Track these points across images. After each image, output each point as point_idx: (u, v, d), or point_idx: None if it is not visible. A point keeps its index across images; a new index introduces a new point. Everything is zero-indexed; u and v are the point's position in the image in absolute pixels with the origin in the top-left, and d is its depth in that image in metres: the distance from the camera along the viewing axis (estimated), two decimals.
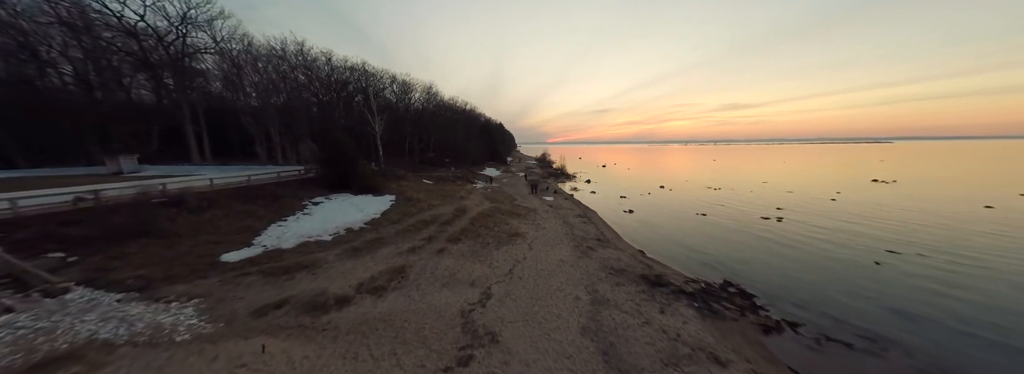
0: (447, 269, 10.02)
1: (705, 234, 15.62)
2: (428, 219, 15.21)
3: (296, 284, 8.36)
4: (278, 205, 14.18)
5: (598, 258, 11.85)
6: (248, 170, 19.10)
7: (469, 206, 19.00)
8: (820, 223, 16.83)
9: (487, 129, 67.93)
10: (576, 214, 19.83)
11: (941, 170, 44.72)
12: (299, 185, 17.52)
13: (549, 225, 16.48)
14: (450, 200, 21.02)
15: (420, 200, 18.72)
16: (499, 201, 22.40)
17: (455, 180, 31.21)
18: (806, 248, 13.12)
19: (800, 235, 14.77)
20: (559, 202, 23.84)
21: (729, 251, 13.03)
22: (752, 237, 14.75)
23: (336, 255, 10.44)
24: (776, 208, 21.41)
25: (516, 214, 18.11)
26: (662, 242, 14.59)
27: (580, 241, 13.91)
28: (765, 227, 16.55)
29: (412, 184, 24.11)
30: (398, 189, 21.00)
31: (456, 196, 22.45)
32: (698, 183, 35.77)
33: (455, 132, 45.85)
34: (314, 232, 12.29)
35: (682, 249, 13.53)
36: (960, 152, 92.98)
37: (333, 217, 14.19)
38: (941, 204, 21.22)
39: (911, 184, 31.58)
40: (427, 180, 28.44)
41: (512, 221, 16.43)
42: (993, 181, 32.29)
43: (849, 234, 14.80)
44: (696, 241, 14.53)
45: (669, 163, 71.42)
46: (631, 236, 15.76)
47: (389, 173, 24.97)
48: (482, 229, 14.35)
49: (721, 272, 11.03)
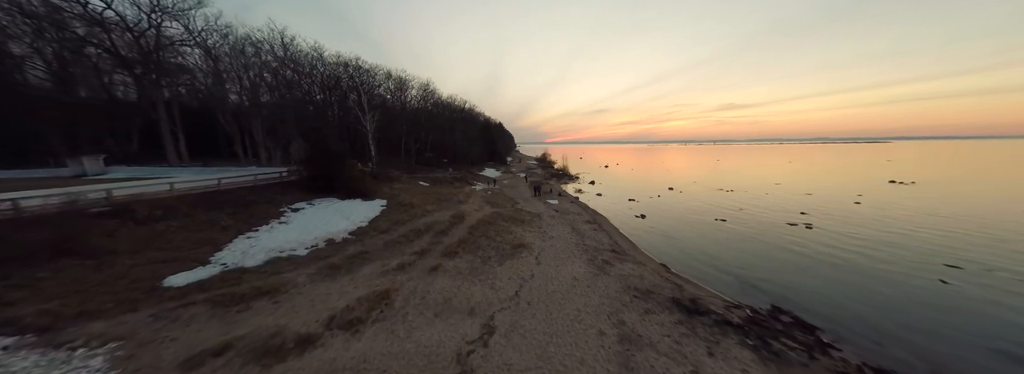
0: (441, 292, 8.36)
1: (730, 244, 14.01)
2: (422, 228, 13.53)
3: (250, 318, 6.67)
4: (250, 213, 12.47)
5: (617, 275, 10.22)
6: (226, 172, 17.37)
7: (468, 211, 17.34)
8: (854, 232, 15.24)
9: (486, 128, 66.30)
10: (585, 220, 18.21)
11: (954, 170, 43.33)
12: (280, 189, 15.82)
13: (557, 233, 14.84)
14: (447, 204, 19.35)
15: (414, 205, 17.04)
16: (500, 205, 20.75)
17: (453, 182, 29.54)
18: (850, 262, 11.52)
19: (837, 246, 13.17)
20: (565, 206, 22.21)
21: (762, 265, 11.42)
22: (784, 248, 13.14)
23: (309, 275, 8.75)
24: (800, 213, 19.84)
25: (519, 220, 16.47)
26: (684, 253, 12.96)
27: (594, 253, 12.27)
28: (794, 236, 14.95)
29: (406, 187, 22.42)
30: (390, 193, 19.31)
31: (454, 200, 20.79)
32: (707, 185, 34.21)
33: (453, 131, 44.18)
34: (288, 245, 10.59)
35: (709, 263, 11.90)
36: (962, 152, 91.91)
37: (313, 226, 12.50)
38: (978, 209, 19.68)
39: (932, 185, 30.10)
40: (423, 182, 26.76)
41: (516, 229, 14.78)
42: (1020, 181, 30.84)
43: (892, 245, 13.21)
44: (722, 253, 12.91)
45: (672, 164, 69.95)
46: (648, 246, 14.13)
47: (382, 175, 23.28)
48: (482, 239, 12.69)
49: (763, 293, 9.41)
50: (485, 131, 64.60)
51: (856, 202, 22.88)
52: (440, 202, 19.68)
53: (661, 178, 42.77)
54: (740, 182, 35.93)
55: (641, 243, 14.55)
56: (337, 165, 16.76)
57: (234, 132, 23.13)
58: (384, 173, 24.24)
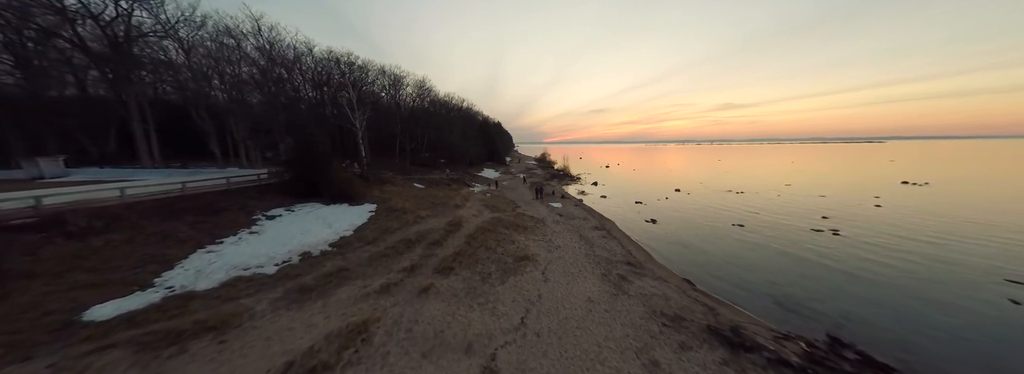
0: (433, 321, 6.91)
1: (754, 254, 12.66)
2: (413, 237, 12.05)
3: (182, 367, 5.17)
4: (216, 222, 10.93)
5: (638, 294, 8.82)
6: (197, 175, 15.81)
7: (465, 217, 15.88)
8: (889, 241, 13.89)
9: (485, 128, 64.83)
10: (592, 226, 16.81)
11: (962, 170, 42.39)
12: (256, 193, 14.26)
13: (564, 241, 13.43)
14: (443, 209, 17.87)
15: (406, 210, 15.54)
16: (500, 209, 19.30)
17: (450, 184, 28.04)
18: (897, 278, 10.19)
19: (876, 259, 11.83)
20: (569, 209, 20.81)
21: (797, 281, 10.06)
22: (816, 261, 11.79)
23: (272, 301, 7.25)
24: (821, 217, 18.56)
25: (522, 227, 15.03)
26: (706, 266, 11.58)
27: (607, 265, 10.87)
28: (823, 245, 13.63)
29: (399, 190, 20.91)
30: (381, 196, 17.79)
31: (450, 204, 19.31)
32: (715, 186, 32.97)
33: (451, 131, 42.66)
34: (255, 261, 9.09)
35: (736, 277, 10.52)
36: (960, 152, 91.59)
37: (289, 236, 10.99)
38: (1014, 214, 18.46)
39: (947, 186, 29.00)
40: (418, 184, 25.24)
41: (518, 237, 13.35)
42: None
43: (939, 258, 11.89)
44: (748, 264, 11.55)
45: (673, 164, 68.82)
46: (665, 256, 12.75)
47: (373, 177, 21.75)
48: (481, 250, 11.24)
49: (810, 318, 8.04)
50: (483, 130, 63.11)
51: (876, 205, 21.67)
52: (435, 207, 18.19)
53: (665, 179, 41.53)
54: (748, 183, 34.73)
55: (656, 253, 13.16)
56: (321, 166, 15.24)
57: (210, 130, 21.50)
58: (375, 175, 22.71)
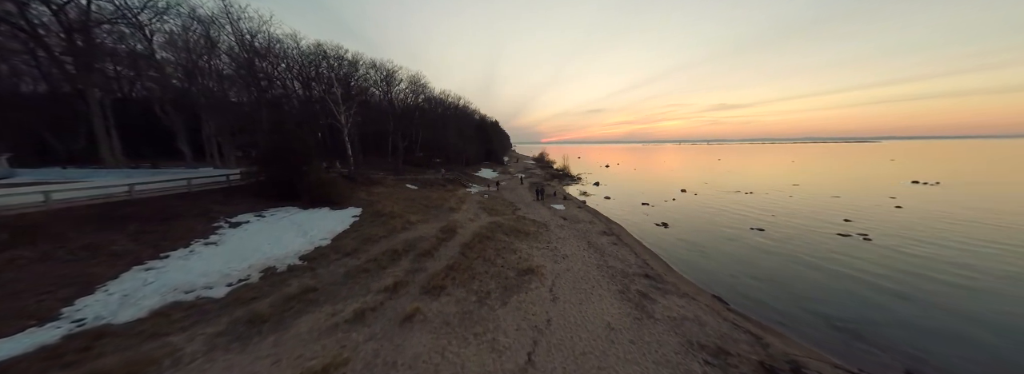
0: (416, 364, 5.39)
1: (782, 264, 11.32)
2: (400, 247, 10.50)
3: None
4: (166, 231, 9.28)
5: (665, 317, 7.39)
6: (162, 175, 14.11)
7: (461, 222, 14.36)
8: (927, 251, 12.56)
9: (482, 127, 63.26)
10: (599, 230, 15.38)
11: (966, 169, 41.69)
12: (223, 196, 12.61)
13: (571, 250, 11.97)
14: (436, 213, 16.32)
15: (395, 215, 13.97)
16: (499, 212, 17.81)
17: (445, 184, 26.46)
18: (957, 296, 8.88)
19: (921, 272, 10.52)
20: (573, 212, 19.37)
21: (840, 298, 8.74)
22: (856, 274, 10.46)
23: (210, 338, 5.68)
24: (843, 220, 17.34)
25: (523, 233, 13.55)
26: (734, 279, 10.20)
27: (623, 279, 9.44)
28: (856, 253, 12.35)
29: (389, 191, 19.29)
30: (368, 199, 16.19)
31: (444, 207, 17.75)
32: (721, 186, 31.80)
33: (446, 129, 41.03)
34: (204, 280, 7.49)
35: (772, 294, 9.15)
36: (955, 151, 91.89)
37: (253, 248, 9.39)
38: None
39: (960, 186, 28.04)
40: (411, 185, 23.64)
41: (520, 245, 11.86)
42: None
43: (982, 268, 10.62)
44: (781, 277, 10.19)
45: (672, 163, 67.86)
46: (685, 267, 11.36)
47: (361, 178, 20.11)
48: (479, 262, 9.74)
49: (876, 347, 6.67)
50: (481, 129, 61.52)
51: (897, 207, 20.54)
52: (427, 210, 16.63)
53: (668, 179, 40.41)
54: (754, 183, 33.63)
55: (675, 262, 11.76)
56: (299, 166, 13.61)
57: (177, 127, 19.64)
58: (364, 175, 21.08)
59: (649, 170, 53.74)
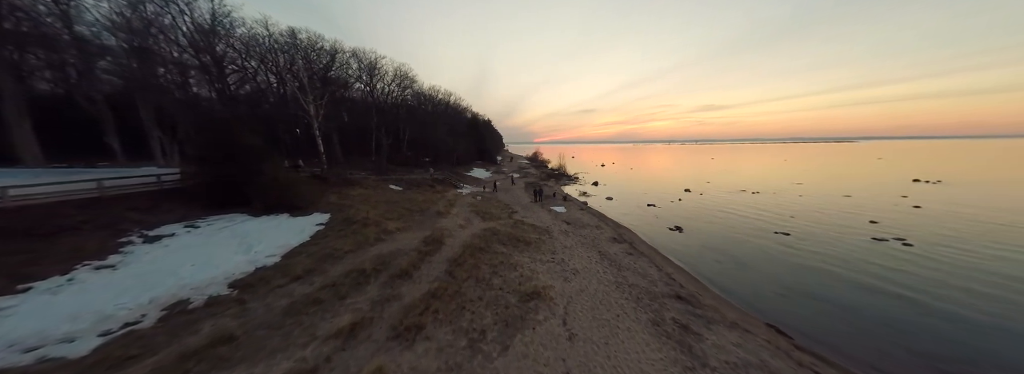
0: None
1: (829, 277, 9.66)
2: (370, 265, 8.29)
3: None
4: (46, 249, 6.83)
5: (721, 363, 5.47)
6: (78, 175, 11.46)
7: (449, 230, 12.20)
8: (976, 256, 11.19)
9: (474, 125, 60.95)
10: (609, 237, 13.48)
11: (959, 168, 41.70)
12: (149, 202, 10.09)
13: (581, 262, 9.99)
14: (421, 219, 14.08)
15: (369, 222, 11.69)
16: (494, 216, 15.71)
17: (433, 185, 24.16)
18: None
19: (987, 285, 9.01)
20: (575, 215, 17.43)
21: (920, 324, 7.06)
22: (918, 289, 8.85)
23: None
24: (869, 222, 15.96)
25: (523, 241, 11.50)
26: (784, 298, 8.42)
27: (652, 304, 7.50)
28: (905, 262, 10.83)
29: (368, 193, 16.92)
30: (340, 203, 13.83)
31: (431, 211, 15.52)
32: (724, 185, 30.54)
33: (436, 127, 38.61)
34: (65, 327, 5.14)
35: (838, 321, 7.38)
36: (935, 150, 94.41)
37: (167, 272, 7.01)
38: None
39: (965, 186, 27.34)
40: (395, 186, 21.27)
41: (520, 258, 9.81)
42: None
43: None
44: (835, 296, 8.49)
45: (667, 163, 67.05)
46: (719, 283, 9.54)
47: (335, 178, 17.65)
48: (470, 285, 7.64)
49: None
50: (473, 127, 59.20)
51: (915, 206, 19.42)
52: (410, 215, 14.37)
53: (667, 178, 39.16)
54: (756, 182, 32.54)
55: (705, 277, 9.93)
56: (250, 164, 11.19)
57: (105, 120, 16.64)
58: (340, 175, 18.62)
59: (645, 169, 52.55)
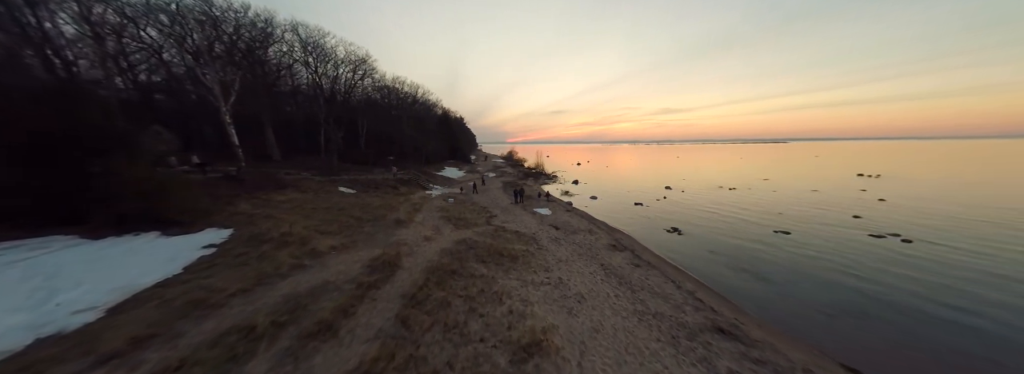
0: None
1: (857, 288, 8.48)
2: (266, 318, 5.21)
3: None
4: None
5: None
6: None
7: (411, 244, 9.30)
8: (981, 253, 10.84)
9: (446, 122, 57.10)
10: (606, 244, 11.47)
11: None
12: None
13: (584, 283, 7.74)
14: (372, 230, 10.90)
15: (290, 239, 8.38)
16: (469, 223, 13.02)
17: (397, 186, 20.72)
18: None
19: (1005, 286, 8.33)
20: (562, 217, 15.31)
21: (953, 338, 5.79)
22: (942, 295, 7.87)
23: None
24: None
25: (508, 255, 8.99)
26: (833, 319, 6.87)
27: (693, 347, 5.44)
28: (914, 260, 10.13)
29: (303, 198, 13.26)
30: (253, 213, 10.22)
31: (388, 219, 12.36)
32: (700, 182, 30.61)
33: (401, 122, 34.61)
34: None
35: (914, 350, 5.88)
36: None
37: None
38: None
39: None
40: (346, 188, 17.59)
41: (507, 282, 7.29)
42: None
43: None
44: (884, 314, 7.15)
45: (637, 161, 68.54)
46: (752, 300, 7.86)
47: (254, 179, 13.69)
48: (434, 337, 4.98)
49: None
50: (444, 124, 55.34)
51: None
52: (358, 226, 11.14)
53: (644, 175, 39.08)
54: (726, 178, 33.23)
55: (734, 294, 8.20)
56: (82, 160, 7.37)
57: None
58: (269, 176, 14.63)
59: (619, 167, 52.72)
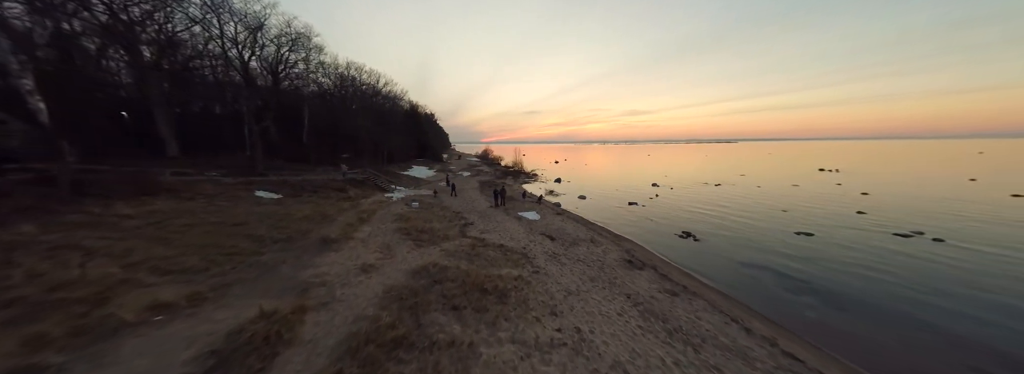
0: None
1: (953, 312, 6.54)
2: None
3: None
4: None
5: None
6: None
7: (333, 282, 5.76)
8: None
9: (414, 117, 52.02)
10: (618, 259, 8.79)
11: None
12: None
13: (615, 333, 4.84)
14: (276, 258, 7.07)
15: (67, 300, 4.44)
16: (436, 235, 9.60)
17: (344, 189, 16.53)
18: None
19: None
20: (554, 223, 12.45)
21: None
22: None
23: None
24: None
25: (492, 291, 5.83)
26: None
27: None
28: (965, 268, 8.64)
29: (183, 209, 8.94)
30: (29, 241, 5.97)
31: (312, 236, 8.50)
32: (681, 179, 29.73)
33: (358, 114, 29.74)
34: None
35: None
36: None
37: None
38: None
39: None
40: (265, 192, 13.21)
41: (497, 351, 4.12)
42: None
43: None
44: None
45: (611, 159, 68.50)
46: (837, 338, 5.48)
47: (120, 182, 9.11)
48: None
49: None
50: (412, 119, 50.29)
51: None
52: (252, 253, 7.21)
53: (624, 173, 38.02)
54: (704, 175, 32.92)
55: (813, 332, 5.79)
56: None
57: None
58: (137, 178, 10.00)
59: (597, 166, 51.70)
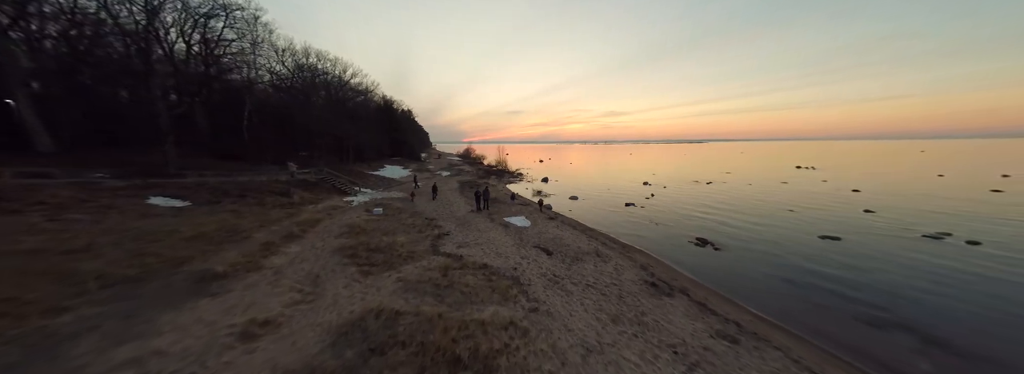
0: None
1: None
2: None
3: None
4: None
5: None
6: None
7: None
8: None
9: (387, 111, 48.09)
10: (635, 279, 6.72)
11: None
12: None
13: None
14: (93, 317, 4.21)
15: None
16: (396, 254, 7.04)
17: (286, 193, 13.38)
18: None
19: None
20: (549, 231, 10.21)
21: None
22: None
23: None
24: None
25: (466, 360, 3.45)
26: None
27: None
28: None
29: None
30: None
31: (184, 269, 5.64)
32: (670, 178, 28.73)
33: (313, 106, 26.01)
34: None
35: None
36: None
37: None
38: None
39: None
40: (168, 200, 9.96)
41: None
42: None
43: None
44: None
45: (593, 158, 67.77)
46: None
47: None
48: None
49: None
50: (387, 114, 46.37)
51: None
52: (19, 318, 4.33)
53: (613, 172, 36.76)
54: (692, 173, 32.26)
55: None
56: None
57: None
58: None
59: (582, 165, 50.42)
